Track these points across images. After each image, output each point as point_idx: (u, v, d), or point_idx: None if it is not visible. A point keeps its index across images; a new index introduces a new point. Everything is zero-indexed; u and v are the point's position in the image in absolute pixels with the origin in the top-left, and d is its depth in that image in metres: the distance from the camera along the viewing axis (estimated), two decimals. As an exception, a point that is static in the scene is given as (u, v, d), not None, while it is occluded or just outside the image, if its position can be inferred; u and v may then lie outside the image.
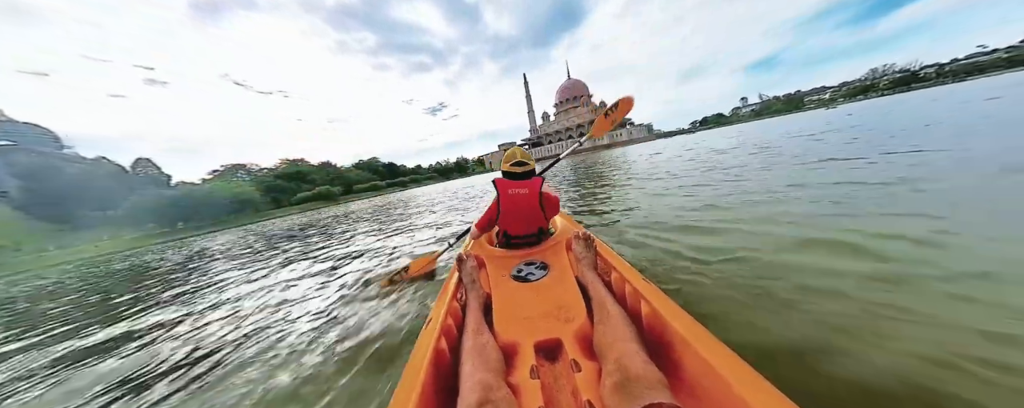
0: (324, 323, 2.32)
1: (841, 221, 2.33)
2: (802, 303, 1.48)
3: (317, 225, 13.07)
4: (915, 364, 1.08)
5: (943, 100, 15.33)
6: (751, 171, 5.09)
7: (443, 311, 1.28)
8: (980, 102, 10.33)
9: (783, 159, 5.72)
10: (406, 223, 7.30)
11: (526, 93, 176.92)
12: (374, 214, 12.50)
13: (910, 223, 2.10)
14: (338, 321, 2.29)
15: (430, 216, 7.82)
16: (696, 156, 9.38)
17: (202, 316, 3.15)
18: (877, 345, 1.19)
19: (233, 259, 7.43)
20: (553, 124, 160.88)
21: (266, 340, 2.24)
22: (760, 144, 9.37)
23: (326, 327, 2.24)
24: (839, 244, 1.97)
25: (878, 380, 1.06)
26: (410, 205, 13.32)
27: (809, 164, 4.79)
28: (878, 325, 1.29)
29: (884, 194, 2.77)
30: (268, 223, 33.97)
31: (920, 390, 1.00)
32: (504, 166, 2.00)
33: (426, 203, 12.62)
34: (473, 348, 1.04)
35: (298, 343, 2.09)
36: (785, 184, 3.75)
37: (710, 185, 4.57)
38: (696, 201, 3.77)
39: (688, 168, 7.05)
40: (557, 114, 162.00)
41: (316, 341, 2.06)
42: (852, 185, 3.18)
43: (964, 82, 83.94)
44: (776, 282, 1.68)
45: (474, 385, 0.85)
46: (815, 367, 1.15)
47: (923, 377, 1.03)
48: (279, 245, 8.29)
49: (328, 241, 7.01)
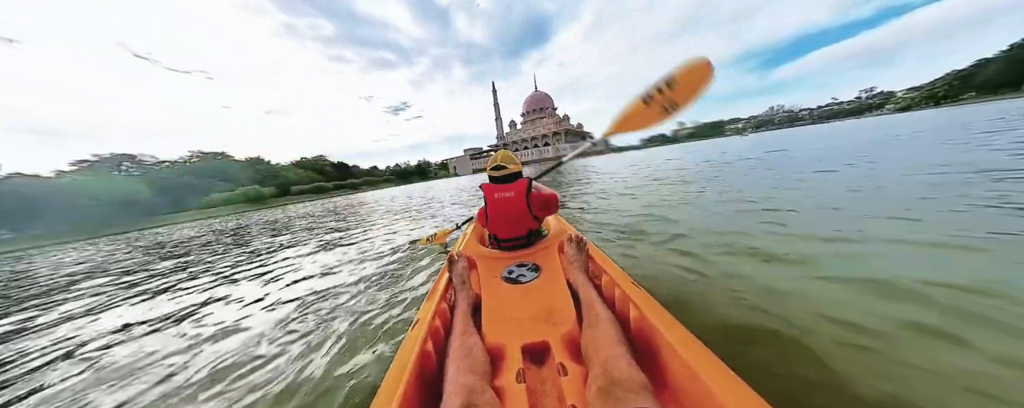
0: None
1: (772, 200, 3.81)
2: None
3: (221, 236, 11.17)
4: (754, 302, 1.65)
5: (803, 135, 19.93)
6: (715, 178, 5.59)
7: (431, 312, 1.25)
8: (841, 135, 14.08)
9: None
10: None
11: (494, 100, 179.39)
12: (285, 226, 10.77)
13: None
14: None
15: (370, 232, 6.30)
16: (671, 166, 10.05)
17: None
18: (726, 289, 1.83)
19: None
20: (520, 132, 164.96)
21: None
22: (707, 163, 10.22)
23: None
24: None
25: (733, 315, 1.54)
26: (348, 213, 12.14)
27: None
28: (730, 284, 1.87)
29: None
30: (166, 228, 29.01)
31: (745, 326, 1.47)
32: (487, 171, 1.98)
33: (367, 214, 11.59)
34: (459, 350, 1.02)
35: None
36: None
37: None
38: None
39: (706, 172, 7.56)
40: (524, 123, 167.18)
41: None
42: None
43: (827, 123, 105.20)
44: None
45: (458, 389, 0.84)
46: (687, 301, 1.72)
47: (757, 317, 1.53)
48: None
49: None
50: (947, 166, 4.14)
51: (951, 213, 2.45)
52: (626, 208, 4.44)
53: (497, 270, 1.60)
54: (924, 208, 2.64)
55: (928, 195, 2.97)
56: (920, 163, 4.66)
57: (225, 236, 10.50)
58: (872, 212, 2.74)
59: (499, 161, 1.91)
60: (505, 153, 1.93)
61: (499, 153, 1.94)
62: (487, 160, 2.02)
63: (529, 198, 1.82)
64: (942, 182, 3.36)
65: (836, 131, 21.28)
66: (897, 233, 2.20)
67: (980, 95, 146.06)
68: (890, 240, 2.11)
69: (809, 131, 33.98)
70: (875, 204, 2.96)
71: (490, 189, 1.88)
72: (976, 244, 1.88)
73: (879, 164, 5.10)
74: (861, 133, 14.09)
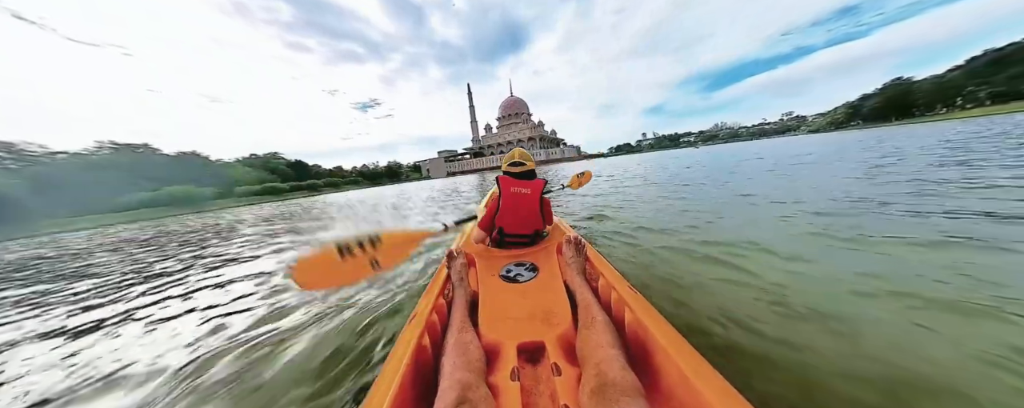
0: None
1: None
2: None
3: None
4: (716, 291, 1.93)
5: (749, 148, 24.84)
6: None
7: (429, 307, 1.28)
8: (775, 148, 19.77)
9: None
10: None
11: (470, 103, 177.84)
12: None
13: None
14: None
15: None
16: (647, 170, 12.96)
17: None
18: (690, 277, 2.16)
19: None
20: (496, 136, 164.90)
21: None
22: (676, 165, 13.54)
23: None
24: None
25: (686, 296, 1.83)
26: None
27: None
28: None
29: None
30: (49, 237, 24.01)
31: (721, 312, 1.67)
32: (504, 166, 2.05)
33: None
34: (455, 346, 1.03)
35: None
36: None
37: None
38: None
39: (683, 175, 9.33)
40: (499, 127, 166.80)
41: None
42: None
43: (759, 140, 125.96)
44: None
45: (453, 383, 0.85)
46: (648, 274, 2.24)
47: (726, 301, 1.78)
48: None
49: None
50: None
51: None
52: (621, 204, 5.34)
53: (495, 268, 1.64)
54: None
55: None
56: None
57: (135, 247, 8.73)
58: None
59: (516, 157, 2.01)
60: (521, 151, 2.05)
61: (516, 150, 2.07)
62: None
63: (542, 200, 1.93)
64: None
65: (774, 146, 25.13)
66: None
67: (864, 124, 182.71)
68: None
69: (750, 146, 37.44)
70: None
71: (507, 182, 1.92)
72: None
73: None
74: (782, 150, 16.64)
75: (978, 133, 12.22)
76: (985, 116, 52.99)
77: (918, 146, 9.49)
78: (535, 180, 1.96)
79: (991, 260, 1.96)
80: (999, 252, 2.04)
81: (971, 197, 3.29)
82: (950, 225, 2.60)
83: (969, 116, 78.18)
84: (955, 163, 5.48)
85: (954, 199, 3.30)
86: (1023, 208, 2.77)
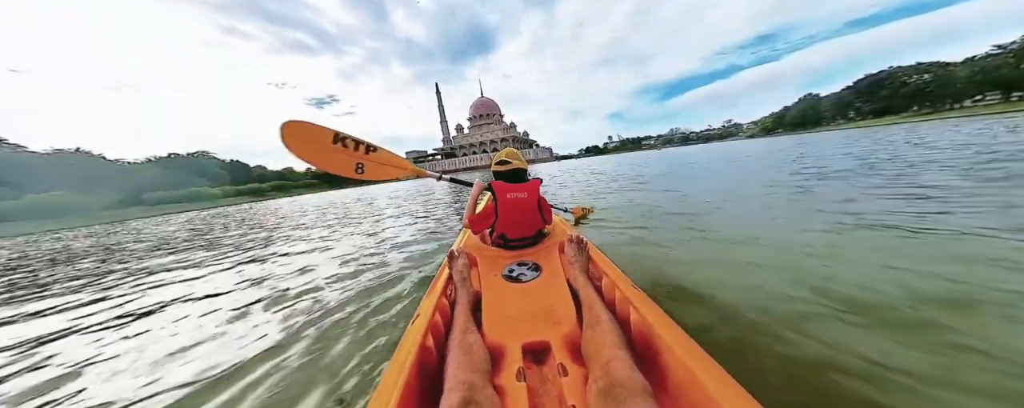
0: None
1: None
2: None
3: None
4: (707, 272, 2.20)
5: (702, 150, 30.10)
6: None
7: (432, 307, 1.28)
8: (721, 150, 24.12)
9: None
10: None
11: (438, 102, 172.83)
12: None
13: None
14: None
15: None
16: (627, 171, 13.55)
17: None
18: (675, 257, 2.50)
19: None
20: (468, 136, 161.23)
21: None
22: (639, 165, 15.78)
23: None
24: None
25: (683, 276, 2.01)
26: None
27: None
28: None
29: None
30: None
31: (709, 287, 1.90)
32: (493, 165, 2.00)
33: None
34: (460, 346, 1.03)
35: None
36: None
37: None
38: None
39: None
40: (471, 128, 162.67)
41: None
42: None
43: (709, 143, 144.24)
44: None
45: (458, 384, 0.85)
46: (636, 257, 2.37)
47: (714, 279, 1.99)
48: None
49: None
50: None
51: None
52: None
53: (497, 268, 1.64)
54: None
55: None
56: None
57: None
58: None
59: (503, 156, 1.95)
60: (510, 149, 1.99)
61: (505, 150, 1.99)
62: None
63: (540, 200, 1.89)
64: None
65: (723, 148, 27.85)
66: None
67: (786, 130, 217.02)
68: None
69: (710, 148, 39.33)
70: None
71: (502, 188, 1.85)
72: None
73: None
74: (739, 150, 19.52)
75: (857, 140, 16.17)
76: (868, 128, 61.84)
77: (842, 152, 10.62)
78: (529, 182, 1.93)
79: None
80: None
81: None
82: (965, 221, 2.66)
83: (858, 127, 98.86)
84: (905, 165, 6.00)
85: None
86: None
